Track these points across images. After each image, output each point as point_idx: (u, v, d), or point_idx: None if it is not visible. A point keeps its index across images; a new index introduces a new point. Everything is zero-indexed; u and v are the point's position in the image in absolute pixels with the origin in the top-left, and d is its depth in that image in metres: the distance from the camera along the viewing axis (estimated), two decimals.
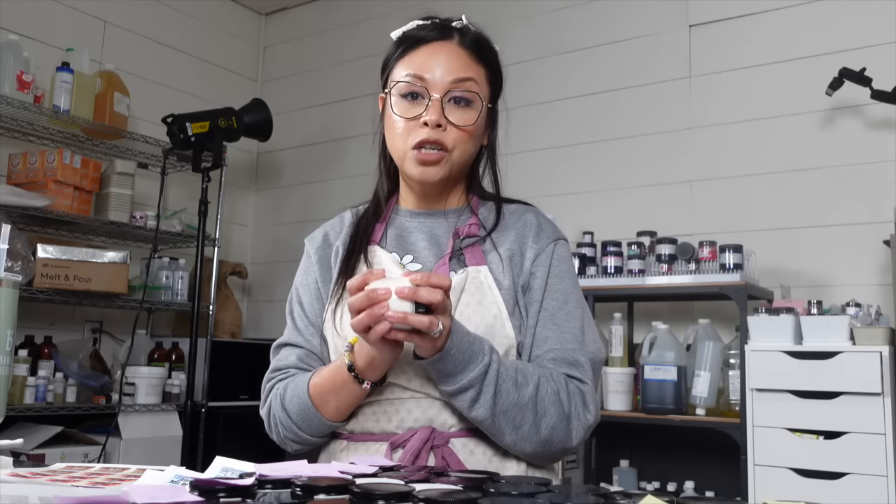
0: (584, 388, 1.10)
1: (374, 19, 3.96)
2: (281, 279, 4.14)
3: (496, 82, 1.22)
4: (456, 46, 1.16)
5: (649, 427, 2.69)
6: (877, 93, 2.50)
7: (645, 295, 2.80)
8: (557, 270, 1.17)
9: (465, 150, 1.16)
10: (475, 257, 1.16)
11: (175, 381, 3.22)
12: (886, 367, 2.13)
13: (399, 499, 0.75)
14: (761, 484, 2.25)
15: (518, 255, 1.17)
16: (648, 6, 3.21)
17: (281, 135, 3.83)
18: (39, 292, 2.82)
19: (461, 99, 1.14)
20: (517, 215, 1.22)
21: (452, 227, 1.20)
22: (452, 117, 1.13)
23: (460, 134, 1.14)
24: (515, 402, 1.03)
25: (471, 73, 1.15)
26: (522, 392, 1.04)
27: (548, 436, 1.06)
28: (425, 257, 1.19)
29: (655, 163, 3.10)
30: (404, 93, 1.15)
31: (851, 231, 2.68)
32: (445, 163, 1.14)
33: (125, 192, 3.24)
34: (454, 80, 1.13)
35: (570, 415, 1.07)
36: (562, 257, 1.19)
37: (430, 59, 1.14)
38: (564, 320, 1.14)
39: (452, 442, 1.09)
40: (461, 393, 1.03)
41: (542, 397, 1.05)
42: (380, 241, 1.22)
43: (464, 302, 1.11)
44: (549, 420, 1.05)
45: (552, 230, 1.21)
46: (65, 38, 3.34)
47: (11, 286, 1.08)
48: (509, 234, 1.19)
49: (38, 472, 0.94)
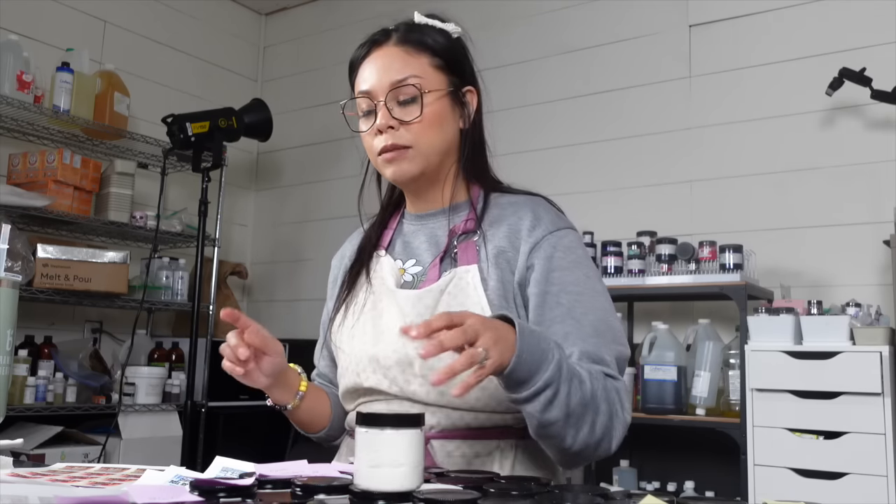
0: (619, 385, 1.04)
1: (375, 19, 3.90)
2: (281, 279, 4.14)
3: (451, 65, 1.18)
4: (391, 47, 1.17)
5: (649, 427, 2.68)
6: (877, 93, 2.50)
7: (645, 295, 2.80)
8: (564, 262, 1.10)
9: (431, 141, 1.14)
10: (468, 256, 1.14)
11: (175, 381, 3.21)
12: (886, 367, 2.13)
13: (399, 499, 0.75)
14: (761, 484, 2.25)
15: (510, 251, 1.12)
16: (648, 6, 3.21)
17: (281, 135, 3.83)
18: (39, 292, 2.82)
19: (405, 97, 1.14)
20: (515, 207, 1.16)
21: (451, 225, 1.18)
22: (401, 116, 1.13)
23: (414, 128, 1.13)
24: (580, 399, 0.97)
25: (408, 71, 1.14)
26: (584, 388, 0.97)
27: (600, 435, 1.00)
28: (426, 260, 1.19)
29: (655, 163, 3.10)
30: (361, 111, 1.18)
31: (851, 231, 2.68)
32: (413, 156, 1.14)
33: (125, 192, 3.24)
34: (392, 83, 1.14)
35: (614, 413, 1.01)
36: (568, 247, 1.12)
37: (370, 70, 1.16)
38: (582, 313, 1.07)
39: (431, 443, 1.08)
40: (536, 396, 0.94)
41: (596, 393, 0.99)
42: (387, 248, 1.24)
43: (444, 303, 1.10)
44: (602, 418, 0.99)
45: (551, 221, 1.14)
46: (65, 38, 3.34)
47: (11, 286, 1.08)
48: (501, 228, 1.14)
49: (38, 472, 0.94)
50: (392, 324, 1.11)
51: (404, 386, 1.09)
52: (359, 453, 0.78)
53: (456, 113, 1.18)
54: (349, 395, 1.18)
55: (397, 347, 1.09)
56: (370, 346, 1.13)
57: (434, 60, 1.16)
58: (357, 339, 1.16)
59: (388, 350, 1.10)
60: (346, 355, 1.17)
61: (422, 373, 1.07)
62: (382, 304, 1.15)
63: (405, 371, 1.08)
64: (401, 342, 1.08)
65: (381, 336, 1.12)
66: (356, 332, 1.16)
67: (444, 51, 1.18)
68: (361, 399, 1.15)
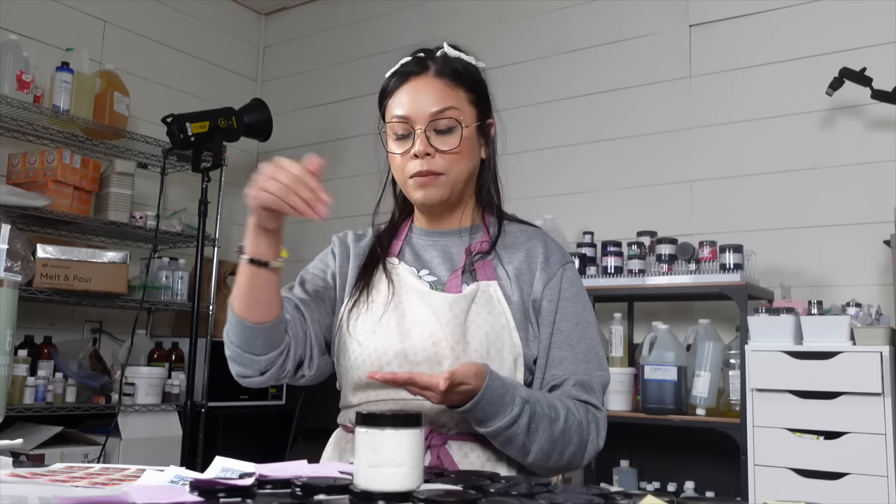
0: (600, 415, 1.17)
1: (374, 19, 3.96)
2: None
3: (481, 99, 1.27)
4: (433, 78, 1.23)
5: (649, 427, 2.68)
6: (877, 93, 2.50)
7: (645, 295, 2.80)
8: (568, 294, 1.24)
9: (461, 169, 1.23)
10: (486, 273, 1.23)
11: (175, 381, 3.21)
12: (886, 367, 2.13)
13: (399, 499, 0.75)
14: (761, 484, 2.25)
15: (527, 275, 1.23)
16: (648, 6, 3.21)
17: (281, 135, 3.83)
18: (39, 292, 2.82)
19: (443, 127, 1.21)
20: (526, 236, 1.28)
21: (465, 245, 1.27)
22: (438, 145, 1.21)
23: (449, 157, 1.21)
24: (549, 437, 1.10)
25: (448, 102, 1.22)
26: (555, 427, 1.10)
27: (568, 461, 1.14)
28: (440, 272, 1.25)
29: (655, 163, 3.10)
30: (396, 132, 1.24)
31: (851, 231, 2.68)
32: (443, 183, 1.22)
33: (125, 192, 3.23)
34: (434, 112, 1.21)
35: (587, 441, 1.14)
36: (571, 280, 1.26)
37: (412, 96, 1.22)
38: (577, 340, 1.20)
39: (450, 443, 1.13)
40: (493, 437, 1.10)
41: (570, 428, 1.12)
42: (398, 255, 1.29)
43: (474, 311, 1.17)
44: (571, 448, 1.13)
45: (560, 256, 1.27)
46: (65, 37, 3.34)
47: (11, 286, 1.08)
48: (518, 253, 1.25)
49: (37, 472, 0.94)
50: (423, 322, 1.17)
51: None
52: (359, 453, 0.78)
53: (480, 144, 1.28)
54: (360, 388, 1.19)
55: (427, 345, 1.15)
56: (398, 343, 1.16)
57: (470, 95, 1.25)
58: (380, 334, 1.18)
59: (418, 347, 1.15)
60: (365, 348, 1.18)
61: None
62: (405, 304, 1.20)
63: (433, 368, 1.13)
64: (431, 340, 1.15)
65: (409, 334, 1.17)
66: (380, 328, 1.19)
67: (476, 85, 1.27)
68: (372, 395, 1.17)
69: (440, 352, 1.14)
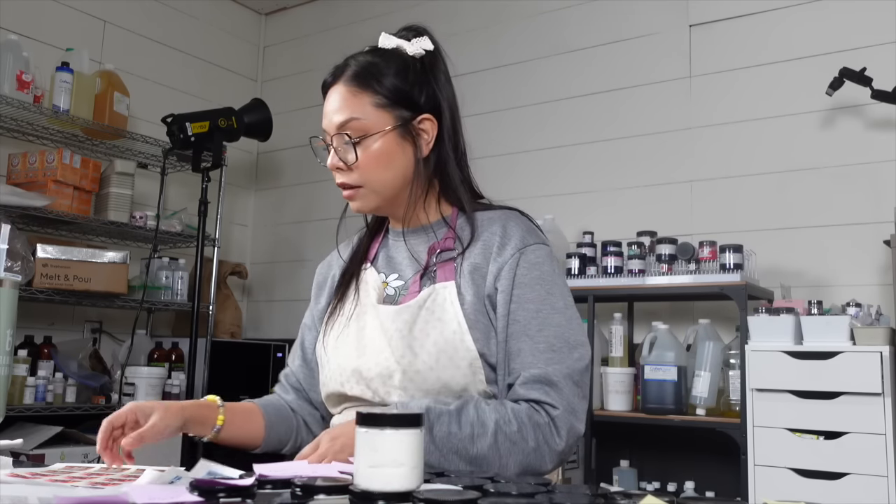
0: (555, 413, 1.07)
1: (375, 19, 3.96)
2: (281, 279, 4.14)
3: (398, 97, 1.17)
4: (341, 86, 1.19)
5: (649, 427, 2.68)
6: (877, 93, 2.50)
7: (645, 295, 2.80)
8: (527, 279, 1.14)
9: (380, 178, 1.17)
10: (445, 273, 1.17)
11: (175, 381, 3.21)
12: (887, 367, 2.13)
13: (399, 499, 0.75)
14: (761, 484, 2.25)
15: (484, 267, 1.15)
16: (648, 6, 3.21)
17: (281, 135, 3.83)
18: (39, 292, 2.82)
19: (348, 140, 1.16)
20: (489, 223, 1.19)
21: (431, 242, 1.22)
22: (345, 157, 1.17)
23: (363, 167, 1.16)
24: (474, 455, 1.04)
25: (348, 113, 1.16)
26: (480, 444, 1.04)
27: (521, 469, 1.06)
28: (407, 275, 1.23)
29: (656, 163, 3.10)
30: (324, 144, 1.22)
31: (851, 231, 2.68)
32: (365, 194, 1.18)
33: (125, 192, 3.24)
34: (336, 126, 1.17)
35: (537, 447, 1.06)
36: (532, 264, 1.15)
37: (325, 108, 1.21)
38: (538, 330, 1.11)
39: None
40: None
41: (501, 443, 1.05)
42: (373, 261, 1.28)
43: (423, 319, 1.13)
44: (515, 458, 1.06)
45: (519, 238, 1.16)
46: (65, 37, 3.33)
47: (11, 286, 1.08)
48: (476, 245, 1.18)
49: (37, 472, 0.94)
50: (373, 337, 1.16)
51: (385, 396, 1.14)
52: (359, 453, 0.78)
53: (407, 145, 1.18)
54: (334, 400, 1.23)
55: (379, 360, 1.14)
56: (354, 359, 1.17)
57: (376, 99, 1.16)
58: (341, 350, 1.20)
59: (371, 363, 1.15)
60: (328, 364, 1.22)
61: (401, 385, 1.12)
62: (366, 318, 1.19)
63: (385, 383, 1.13)
64: (382, 356, 1.13)
65: (365, 350, 1.16)
66: (341, 344, 1.20)
67: (390, 87, 1.17)
68: (346, 404, 1.21)
69: (390, 366, 1.12)
